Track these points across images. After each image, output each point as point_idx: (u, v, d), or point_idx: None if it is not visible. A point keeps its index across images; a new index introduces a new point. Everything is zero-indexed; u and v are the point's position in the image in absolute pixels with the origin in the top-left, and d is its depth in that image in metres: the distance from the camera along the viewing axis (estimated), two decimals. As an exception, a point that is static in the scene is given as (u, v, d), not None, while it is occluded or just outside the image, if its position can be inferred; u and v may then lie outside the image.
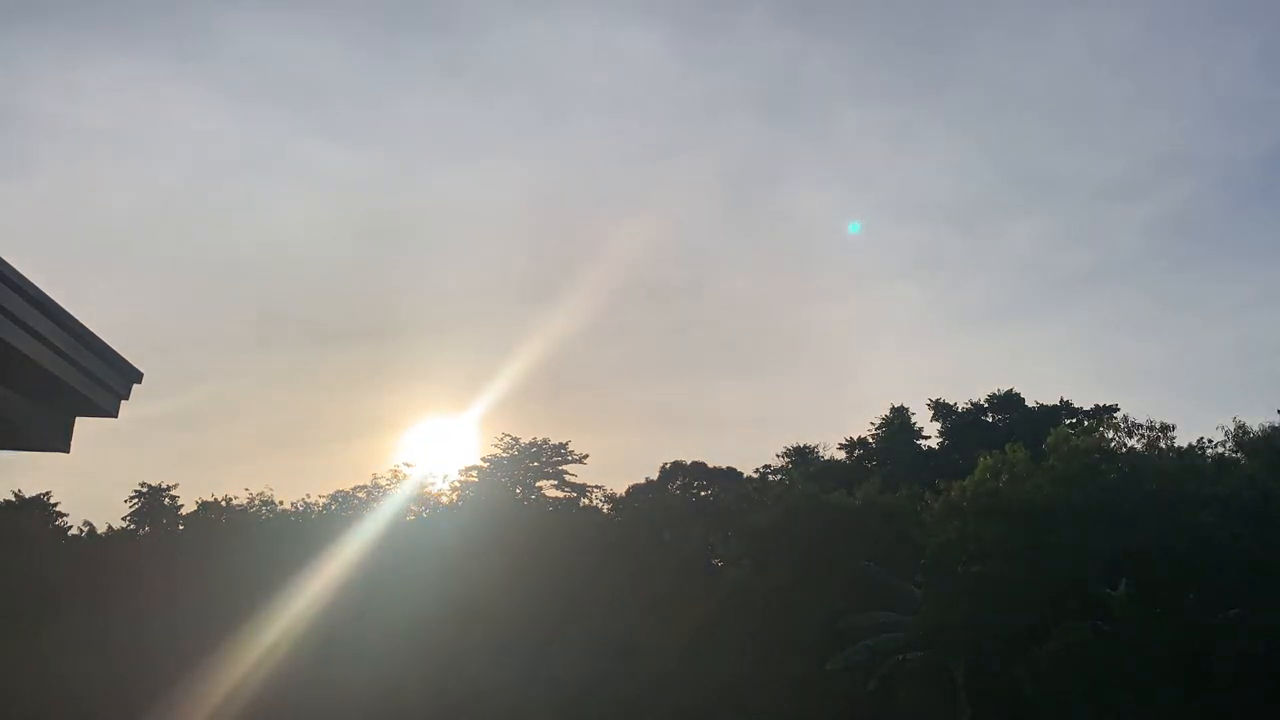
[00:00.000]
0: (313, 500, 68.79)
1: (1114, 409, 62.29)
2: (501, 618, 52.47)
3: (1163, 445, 49.98)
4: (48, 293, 5.24)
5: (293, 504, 68.24)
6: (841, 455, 74.14)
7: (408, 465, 70.93)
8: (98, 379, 5.93)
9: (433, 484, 70.53)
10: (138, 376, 6.20)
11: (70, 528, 70.32)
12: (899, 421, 72.69)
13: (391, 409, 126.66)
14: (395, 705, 49.47)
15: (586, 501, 73.49)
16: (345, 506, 66.26)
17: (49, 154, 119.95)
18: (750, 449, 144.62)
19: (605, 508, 74.17)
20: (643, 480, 78.95)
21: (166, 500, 73.36)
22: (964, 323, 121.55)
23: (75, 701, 48.51)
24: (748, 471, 76.65)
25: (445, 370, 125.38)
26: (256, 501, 67.16)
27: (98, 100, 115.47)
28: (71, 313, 5.48)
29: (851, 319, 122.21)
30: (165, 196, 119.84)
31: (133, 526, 71.96)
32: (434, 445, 79.89)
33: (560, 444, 73.94)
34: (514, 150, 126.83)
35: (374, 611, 51.15)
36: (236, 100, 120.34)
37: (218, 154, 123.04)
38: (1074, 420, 59.05)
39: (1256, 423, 50.09)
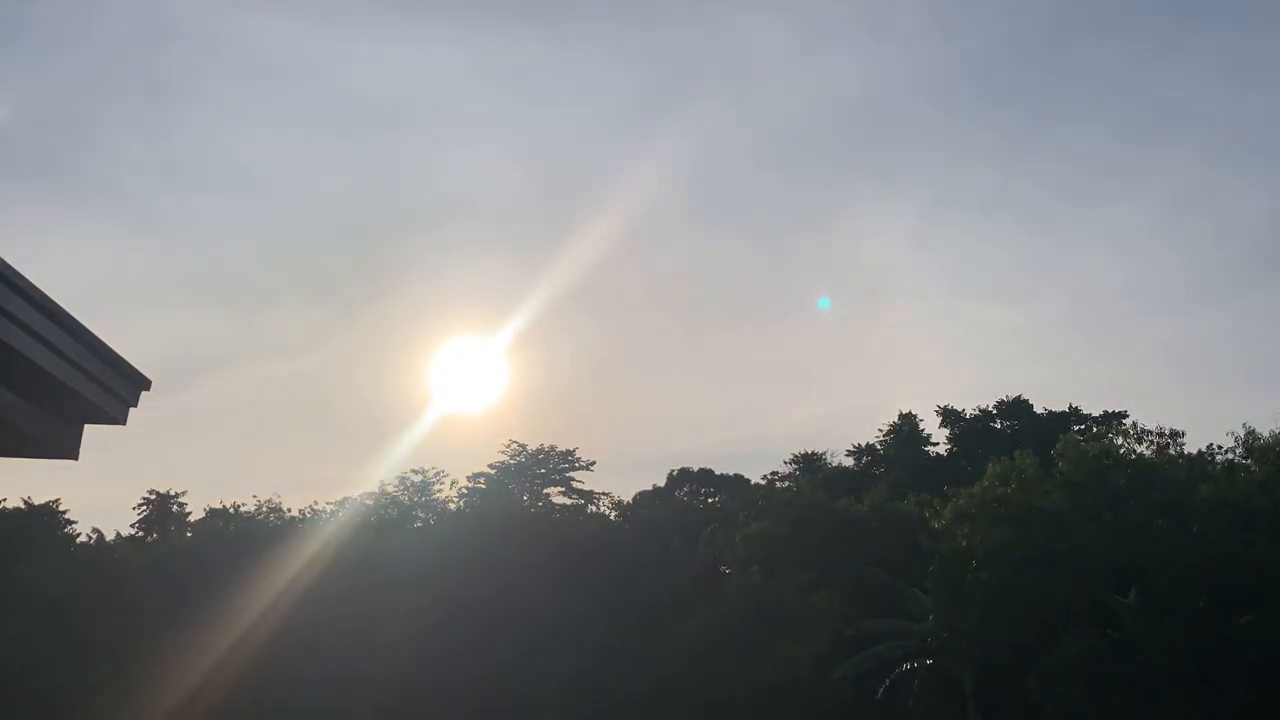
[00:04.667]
0: (320, 507, 68.87)
1: (1123, 415, 61.94)
2: (508, 623, 52.39)
3: (1172, 451, 49.72)
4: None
5: (300, 510, 68.32)
6: (849, 462, 74.04)
7: (415, 472, 70.95)
8: (107, 387, 5.92)
9: (440, 490, 70.61)
10: (146, 384, 6.19)
11: (79, 535, 70.52)
12: (907, 428, 72.51)
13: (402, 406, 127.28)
14: (403, 707, 49.46)
15: (594, 508, 73.44)
16: (353, 513, 66.23)
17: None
18: (752, 451, 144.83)
19: (613, 514, 74.13)
20: (650, 487, 79.08)
21: (175, 507, 73.53)
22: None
23: (82, 710, 48.52)
24: (755, 478, 76.68)
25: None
26: (265, 508, 67.24)
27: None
28: (80, 320, 5.48)
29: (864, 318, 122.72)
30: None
31: (141, 533, 72.12)
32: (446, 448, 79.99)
33: (567, 450, 73.94)
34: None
35: (382, 617, 51.14)
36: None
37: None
38: (1083, 426, 58.76)
39: (1266, 429, 49.81)
